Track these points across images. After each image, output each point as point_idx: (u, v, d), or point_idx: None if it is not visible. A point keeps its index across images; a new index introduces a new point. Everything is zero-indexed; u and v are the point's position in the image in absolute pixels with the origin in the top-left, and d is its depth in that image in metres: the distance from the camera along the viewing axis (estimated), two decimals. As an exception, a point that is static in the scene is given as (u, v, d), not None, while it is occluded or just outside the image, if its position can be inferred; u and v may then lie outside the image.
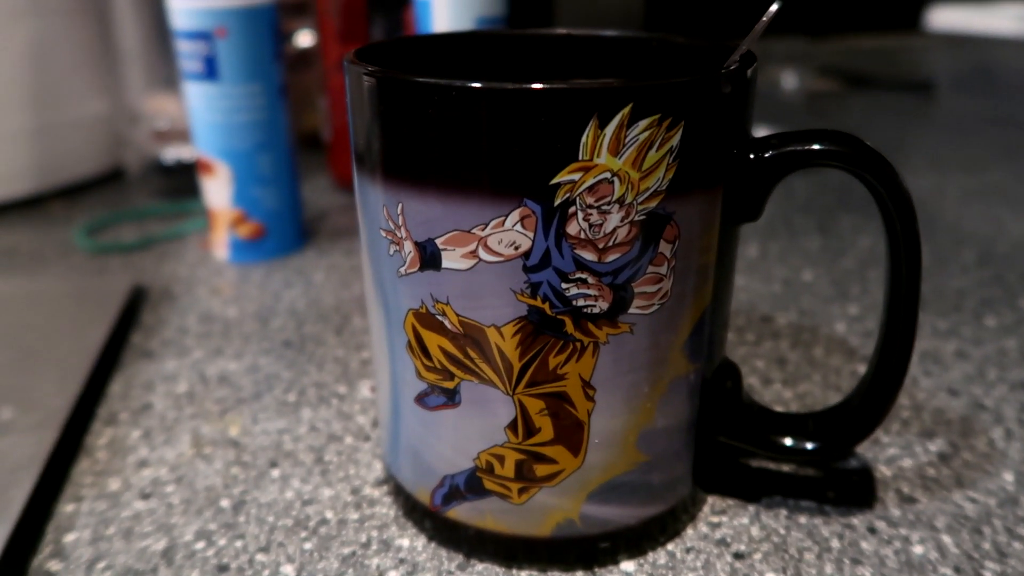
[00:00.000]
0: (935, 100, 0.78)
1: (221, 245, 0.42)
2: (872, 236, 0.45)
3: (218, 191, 0.40)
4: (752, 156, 0.19)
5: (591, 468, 0.20)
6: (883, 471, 0.25)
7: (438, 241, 0.18)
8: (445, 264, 0.18)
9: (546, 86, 0.16)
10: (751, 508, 0.24)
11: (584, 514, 0.20)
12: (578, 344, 0.18)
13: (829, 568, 0.21)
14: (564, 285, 0.17)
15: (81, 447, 0.26)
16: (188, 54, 0.38)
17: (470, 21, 0.41)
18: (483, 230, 0.17)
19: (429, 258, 0.18)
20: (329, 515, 0.23)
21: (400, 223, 0.18)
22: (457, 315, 0.18)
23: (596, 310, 0.18)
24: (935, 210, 0.49)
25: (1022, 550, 0.22)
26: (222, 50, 0.37)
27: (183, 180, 0.52)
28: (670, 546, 0.22)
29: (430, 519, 0.22)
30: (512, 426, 0.19)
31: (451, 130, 0.17)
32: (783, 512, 0.23)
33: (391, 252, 0.19)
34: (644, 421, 0.20)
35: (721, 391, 0.22)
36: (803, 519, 0.23)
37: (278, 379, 0.30)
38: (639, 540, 0.21)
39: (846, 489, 0.24)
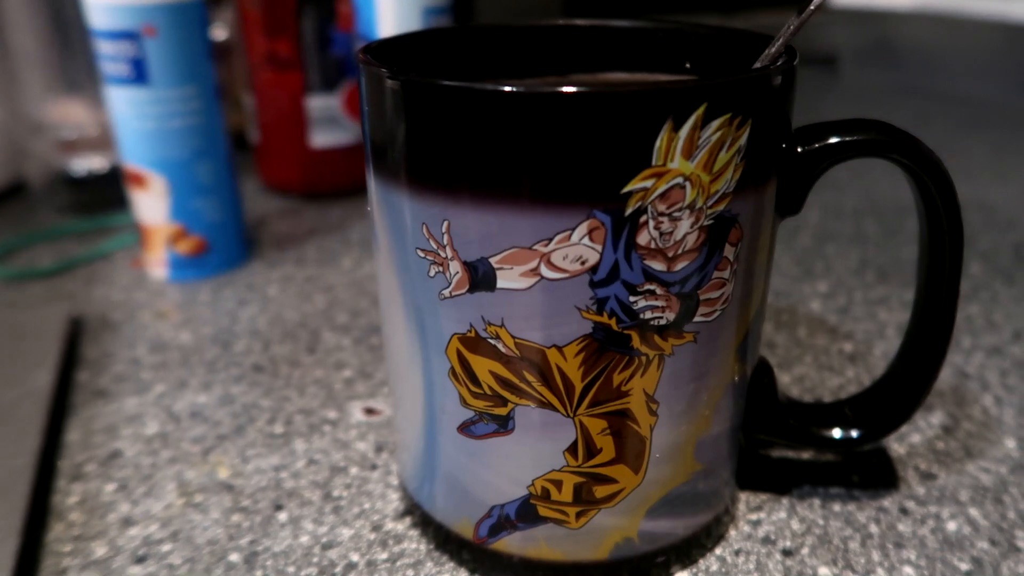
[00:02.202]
0: (839, 74, 0.81)
1: (158, 263, 0.38)
2: (819, 212, 0.46)
3: (152, 205, 0.37)
4: (800, 149, 0.18)
5: (651, 484, 0.19)
6: (896, 449, 0.25)
7: (493, 260, 0.16)
8: (500, 284, 0.16)
9: (619, 88, 0.15)
10: (784, 501, 0.23)
11: (642, 531, 0.19)
12: (643, 358, 0.17)
13: (876, 555, 0.21)
14: (632, 298, 0.16)
15: (48, 510, 0.23)
16: (111, 56, 0.34)
17: (417, 11, 0.39)
18: (546, 246, 0.16)
19: (481, 279, 0.17)
20: (355, 557, 0.21)
21: (445, 242, 0.17)
22: (513, 337, 0.17)
23: (663, 321, 0.17)
24: (866, 183, 0.51)
25: (959, 533, 0.23)
26: (152, 51, 0.34)
27: (96, 193, 0.47)
28: (718, 551, 0.21)
29: (468, 551, 0.20)
30: (572, 449, 0.18)
31: (512, 140, 0.15)
32: (816, 501, 0.23)
33: (431, 274, 0.17)
34: (702, 430, 0.19)
35: (760, 389, 0.21)
36: (837, 507, 0.23)
37: (258, 409, 0.28)
38: (690, 549, 0.21)
39: (868, 471, 0.24)
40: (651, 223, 0.16)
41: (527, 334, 0.17)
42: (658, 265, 0.16)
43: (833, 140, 0.18)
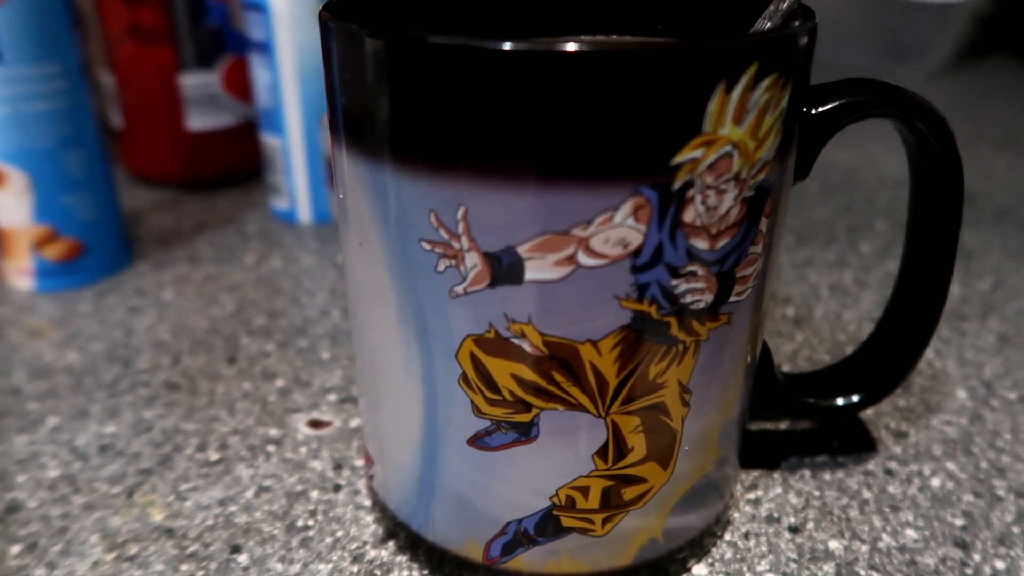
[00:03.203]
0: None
1: (22, 272, 0.33)
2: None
3: (11, 205, 0.31)
4: (814, 112, 0.17)
5: (678, 478, 0.17)
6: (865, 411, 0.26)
7: (521, 249, 0.14)
8: (529, 276, 0.14)
9: (670, 46, 0.13)
10: (776, 476, 0.23)
11: (667, 529, 0.18)
12: (680, 346, 0.16)
13: (877, 521, 0.21)
14: (674, 282, 0.15)
15: (-62, 587, 0.19)
16: (-53, 27, 0.28)
17: (312, -26, 0.35)
18: (585, 229, 0.14)
19: (506, 271, 0.14)
20: (341, 596, 0.19)
21: (461, 231, 0.14)
22: (542, 335, 0.15)
23: (702, 304, 0.15)
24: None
25: (1010, 462, 0.23)
26: (1, 21, 0.28)
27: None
28: (728, 536, 0.21)
29: (471, 572, 0.18)
30: (602, 451, 0.16)
31: (550, 109, 0.13)
32: (806, 473, 0.23)
33: (440, 268, 0.15)
34: (727, 416, 0.18)
35: (763, 366, 0.20)
36: (827, 475, 0.23)
37: (182, 435, 0.24)
38: (702, 539, 0.20)
39: (845, 436, 0.24)
40: (698, 198, 0.14)
41: (558, 330, 0.15)
42: (701, 244, 0.15)
43: (845, 101, 0.17)
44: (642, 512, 0.17)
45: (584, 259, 0.14)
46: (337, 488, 0.22)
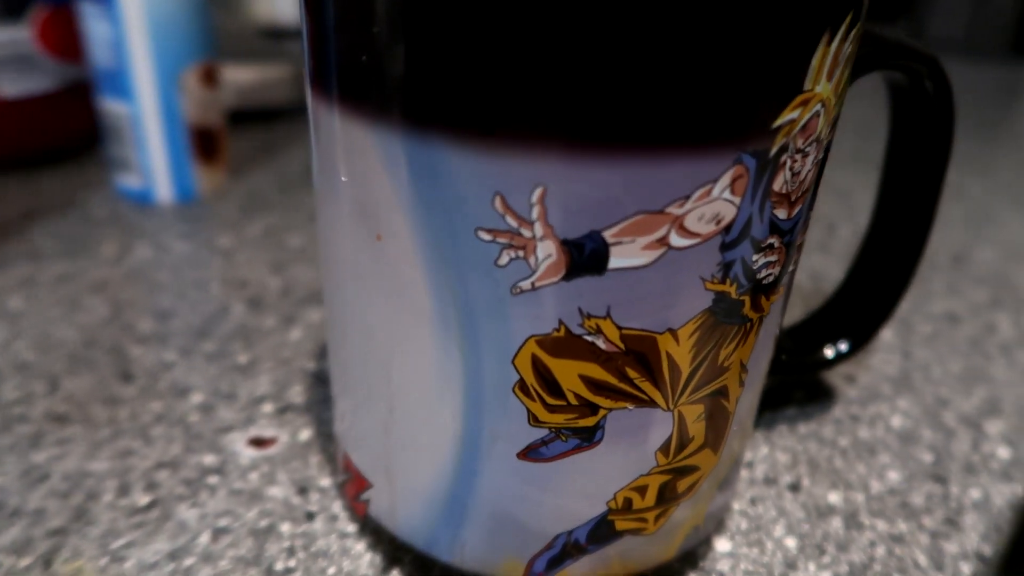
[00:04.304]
0: None
1: None
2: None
3: None
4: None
5: (724, 461, 0.16)
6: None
7: (608, 233, 0.12)
8: (614, 264, 0.12)
9: (788, -10, 0.11)
10: (757, 435, 0.23)
11: (708, 514, 0.17)
12: (748, 325, 0.14)
13: (862, 468, 0.22)
14: (755, 256, 0.13)
15: None
16: None
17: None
18: (681, 206, 0.12)
19: (588, 260, 0.12)
20: (358, 646, 0.16)
21: (535, 216, 0.12)
22: (620, 329, 0.13)
23: (771, 279, 0.14)
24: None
25: (949, 393, 0.25)
26: None
27: None
28: (737, 506, 0.20)
29: (500, 590, 0.16)
30: (665, 446, 0.15)
31: (654, 62, 0.11)
32: (783, 428, 0.23)
33: (503, 262, 0.12)
34: (762, 389, 0.17)
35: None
36: (802, 428, 0.23)
37: (93, 478, 0.20)
38: (722, 515, 0.19)
39: (804, 386, 0.25)
40: (788, 163, 0.13)
41: (638, 321, 0.13)
42: (781, 213, 0.13)
43: (869, 51, 0.16)
44: (691, 502, 0.16)
45: (676, 240, 0.12)
46: (310, 516, 0.19)
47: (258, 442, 0.21)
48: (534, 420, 0.14)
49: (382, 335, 0.15)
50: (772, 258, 0.14)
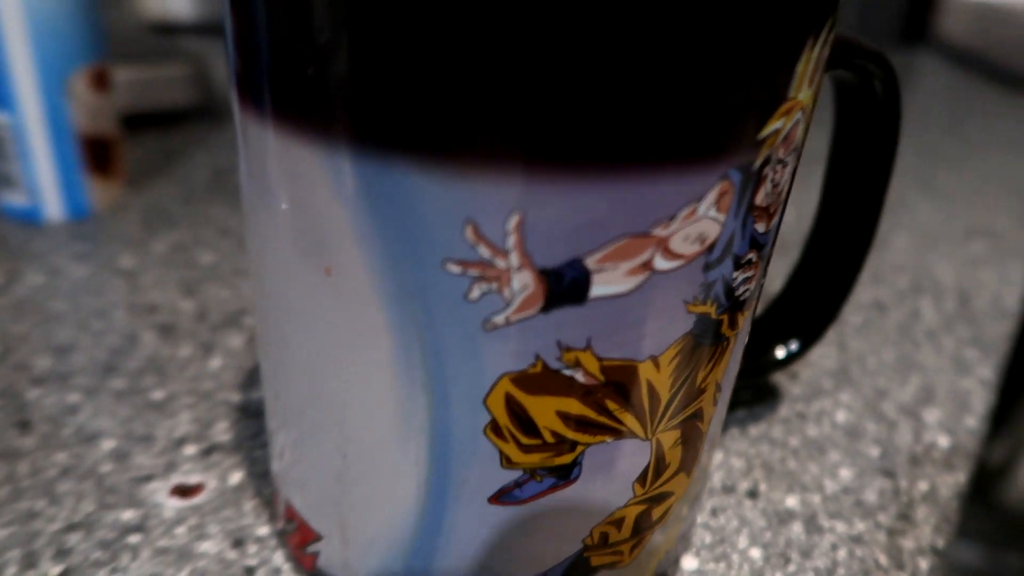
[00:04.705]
0: None
1: None
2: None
3: None
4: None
5: (696, 482, 0.16)
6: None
7: (590, 260, 0.11)
8: (596, 292, 0.11)
9: (776, -7, 0.10)
10: (711, 440, 0.22)
11: (680, 536, 0.16)
12: (725, 343, 0.14)
13: (814, 468, 0.22)
14: (735, 274, 0.13)
15: None
16: None
17: None
18: (667, 227, 0.11)
19: (568, 289, 0.11)
20: None
21: (511, 245, 0.11)
22: (600, 360, 0.12)
23: (747, 294, 0.13)
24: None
25: (886, 384, 0.25)
26: None
27: None
28: (700, 519, 0.20)
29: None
30: (642, 476, 0.14)
31: (642, 72, 0.10)
32: (734, 431, 0.23)
33: (474, 296, 0.11)
34: (728, 402, 0.16)
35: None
36: (752, 430, 0.23)
37: (-10, 546, 0.17)
38: (689, 531, 0.18)
39: (751, 387, 0.25)
40: (769, 175, 0.12)
41: (619, 351, 0.12)
42: (761, 227, 0.13)
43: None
44: (664, 527, 0.16)
45: (661, 263, 0.11)
46: (250, 572, 0.17)
47: (183, 491, 0.19)
48: (507, 462, 0.13)
49: (333, 378, 0.13)
50: (750, 273, 0.13)
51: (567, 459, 0.13)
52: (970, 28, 0.72)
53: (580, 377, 0.12)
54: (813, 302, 0.21)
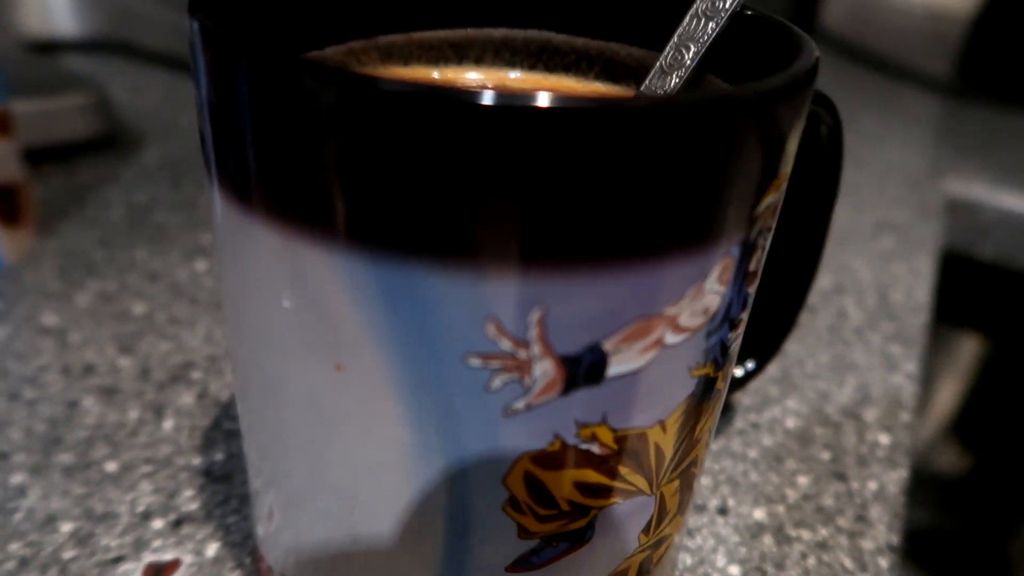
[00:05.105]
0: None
1: None
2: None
3: None
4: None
5: (686, 518, 0.16)
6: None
7: (608, 344, 0.11)
8: (612, 372, 0.12)
9: (769, 89, 0.11)
10: (676, 459, 0.23)
11: (671, 566, 0.17)
12: (717, 396, 0.14)
13: (775, 478, 0.23)
14: (730, 335, 0.13)
15: None
16: None
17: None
18: (676, 305, 0.11)
19: (587, 372, 0.11)
20: None
21: (533, 337, 0.11)
22: (614, 432, 0.12)
23: (736, 347, 0.14)
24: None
25: (826, 386, 0.27)
26: None
27: None
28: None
29: None
30: (647, 527, 0.14)
31: (657, 169, 0.10)
32: (697, 448, 0.24)
33: (495, 386, 0.11)
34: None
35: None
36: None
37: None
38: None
39: (704, 399, 0.26)
40: (761, 243, 0.13)
41: (632, 422, 0.12)
42: (751, 288, 0.13)
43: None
44: (661, 566, 0.16)
45: (670, 338, 0.12)
46: (244, 651, 0.17)
47: (158, 570, 0.18)
48: (524, 533, 0.13)
49: (342, 467, 0.13)
50: (740, 330, 0.14)
51: (581, 523, 0.13)
52: (852, 18, 0.76)
53: (596, 449, 0.12)
54: (765, 323, 0.22)
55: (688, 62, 0.15)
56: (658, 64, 0.16)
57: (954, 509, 0.75)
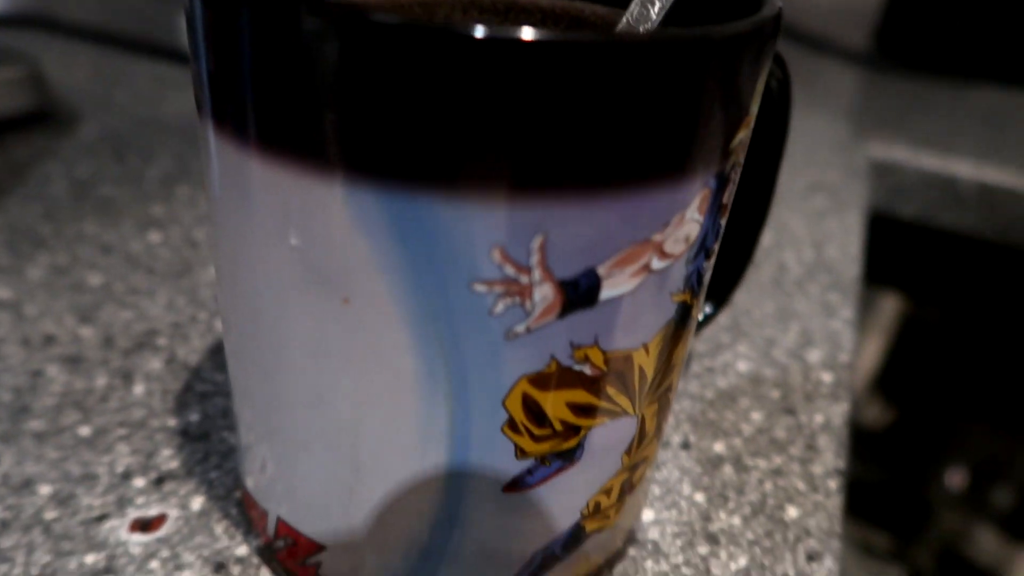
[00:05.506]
0: None
1: None
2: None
3: None
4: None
5: (660, 439, 0.18)
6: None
7: (602, 268, 0.12)
8: (605, 295, 0.13)
9: (750, 26, 0.12)
10: (639, 403, 0.24)
11: (646, 493, 0.18)
12: (691, 323, 0.15)
13: (731, 415, 0.24)
14: (706, 264, 0.14)
15: None
16: None
17: None
18: (663, 232, 0.12)
19: (583, 295, 0.12)
20: None
21: (535, 263, 0.12)
22: (604, 353, 0.13)
23: (707, 277, 0.15)
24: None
25: (773, 332, 0.29)
26: None
27: None
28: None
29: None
30: (629, 448, 0.16)
31: (651, 100, 0.11)
32: (657, 392, 0.25)
33: (498, 310, 0.12)
34: (681, 371, 0.18)
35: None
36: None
37: (-55, 618, 0.16)
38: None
39: (661, 348, 0.27)
40: (733, 177, 0.14)
41: (620, 343, 0.13)
42: (723, 220, 0.14)
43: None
44: (640, 487, 0.17)
45: (656, 263, 0.13)
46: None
47: (144, 525, 0.19)
48: (520, 453, 0.14)
49: (346, 400, 0.13)
50: (712, 261, 0.15)
51: (572, 443, 0.14)
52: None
53: (588, 370, 0.13)
54: (721, 269, 0.24)
55: (654, 17, 0.16)
56: (624, 19, 0.17)
57: (878, 460, 0.80)
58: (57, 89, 0.44)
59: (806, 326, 0.29)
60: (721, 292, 0.24)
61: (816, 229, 0.37)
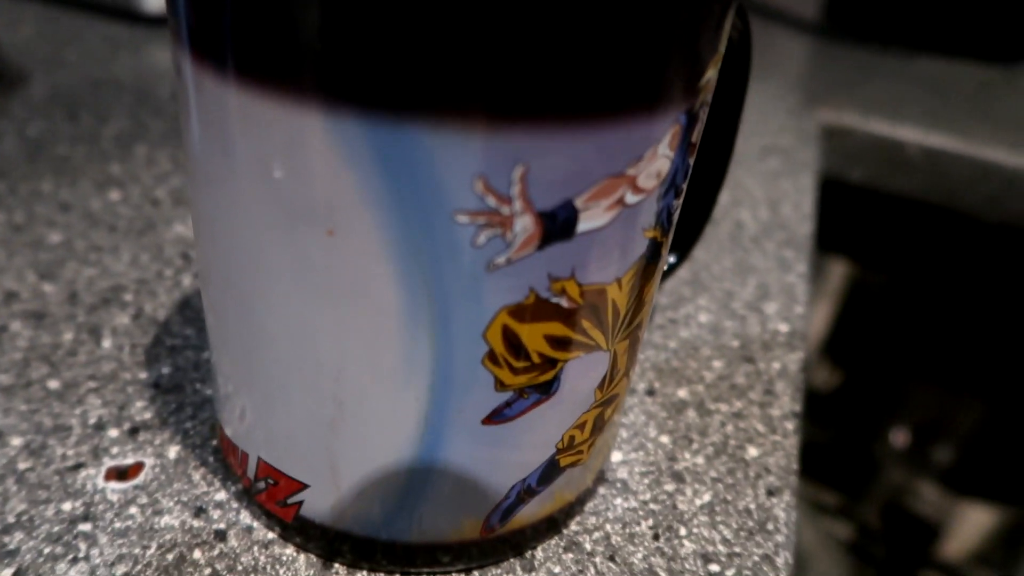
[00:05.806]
0: None
1: None
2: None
3: None
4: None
5: (629, 377, 0.18)
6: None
7: (579, 200, 0.13)
8: (582, 227, 0.13)
9: (717, -38, 0.12)
10: (605, 352, 0.25)
11: (615, 432, 0.19)
12: (659, 261, 0.16)
13: (693, 364, 0.25)
14: (675, 202, 0.15)
15: None
16: None
17: None
18: (636, 166, 0.13)
19: (560, 227, 0.13)
20: (333, 648, 0.16)
21: (516, 193, 0.12)
22: (580, 286, 0.14)
23: (676, 217, 0.16)
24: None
25: (732, 286, 0.30)
26: None
27: None
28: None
29: (462, 552, 0.17)
30: (602, 383, 0.16)
31: (623, 34, 0.11)
32: (622, 342, 0.26)
33: (480, 241, 0.12)
34: (649, 313, 0.19)
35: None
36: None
37: (-79, 565, 0.16)
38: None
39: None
40: (701, 115, 0.14)
41: (595, 276, 0.14)
42: (691, 160, 0.15)
43: None
44: (610, 427, 0.18)
45: (630, 198, 0.13)
46: (221, 535, 0.18)
47: (121, 473, 0.19)
48: (500, 385, 0.14)
49: (329, 334, 0.14)
50: (680, 200, 0.15)
51: (549, 376, 0.15)
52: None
53: (564, 303, 0.14)
54: (684, 219, 0.24)
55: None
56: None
57: (826, 422, 0.83)
58: (4, 48, 0.43)
59: (763, 280, 0.30)
60: (683, 244, 0.25)
61: (771, 189, 0.38)
